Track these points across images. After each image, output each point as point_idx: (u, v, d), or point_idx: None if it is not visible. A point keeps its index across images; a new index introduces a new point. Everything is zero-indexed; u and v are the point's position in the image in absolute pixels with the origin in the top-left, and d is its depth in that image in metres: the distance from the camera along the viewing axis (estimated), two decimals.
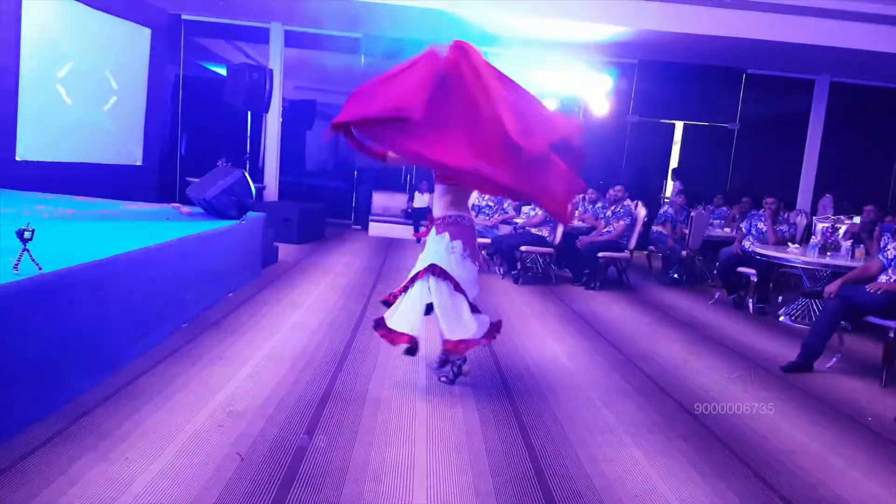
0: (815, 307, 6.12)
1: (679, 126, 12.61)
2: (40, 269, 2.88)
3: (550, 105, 3.60)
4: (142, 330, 3.79)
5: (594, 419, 3.40)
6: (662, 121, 11.63)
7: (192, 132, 11.24)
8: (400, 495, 2.47)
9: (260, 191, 9.65)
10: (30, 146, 7.29)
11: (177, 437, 2.76)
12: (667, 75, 11.05)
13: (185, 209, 5.90)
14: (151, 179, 9.64)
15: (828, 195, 10.27)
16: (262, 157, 10.90)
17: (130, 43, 8.82)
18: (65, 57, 7.70)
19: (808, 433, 3.44)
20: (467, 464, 2.76)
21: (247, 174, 5.81)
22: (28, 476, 2.36)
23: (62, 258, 3.13)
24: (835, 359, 4.74)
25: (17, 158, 7.16)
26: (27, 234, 2.87)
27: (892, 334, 4.37)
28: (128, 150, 9.09)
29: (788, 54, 9.71)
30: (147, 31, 9.07)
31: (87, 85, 8.06)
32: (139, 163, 9.34)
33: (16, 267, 2.82)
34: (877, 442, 3.41)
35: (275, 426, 2.96)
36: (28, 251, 2.88)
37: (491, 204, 7.93)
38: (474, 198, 8.07)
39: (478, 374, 3.93)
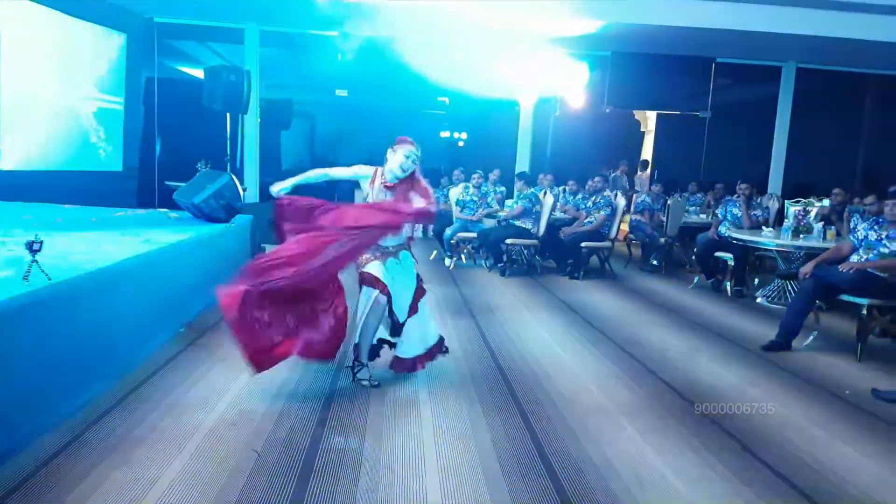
0: (790, 288, 6.35)
1: (652, 116, 12.86)
2: (49, 279, 2.95)
3: None
4: (144, 335, 3.86)
5: (589, 402, 3.56)
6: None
7: (170, 136, 11.16)
8: (414, 483, 2.60)
9: (242, 193, 9.65)
10: (10, 155, 7.26)
11: (192, 437, 2.86)
12: (640, 66, 11.24)
13: (173, 214, 5.94)
14: (131, 185, 9.63)
15: None
16: (241, 158, 10.90)
17: (106, 48, 8.80)
18: (42, 65, 7.67)
19: (790, 408, 3.63)
20: (474, 450, 2.90)
21: (234, 177, 5.87)
22: (51, 482, 2.44)
23: (65, 267, 3.19)
24: (812, 337, 4.96)
25: (0, 168, 7.14)
26: (36, 246, 2.94)
27: (864, 311, 4.59)
28: (107, 156, 9.06)
29: (756, 42, 9.96)
30: (122, 36, 9.04)
31: (64, 92, 8.04)
32: (119, 168, 9.32)
33: (26, 278, 2.89)
34: (855, 413, 3.61)
35: (286, 422, 3.07)
36: (37, 262, 2.94)
37: (475, 199, 8.06)
38: (458, 193, 8.20)
39: (476, 366, 4.08)
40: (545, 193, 7.69)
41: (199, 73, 10.18)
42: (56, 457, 2.61)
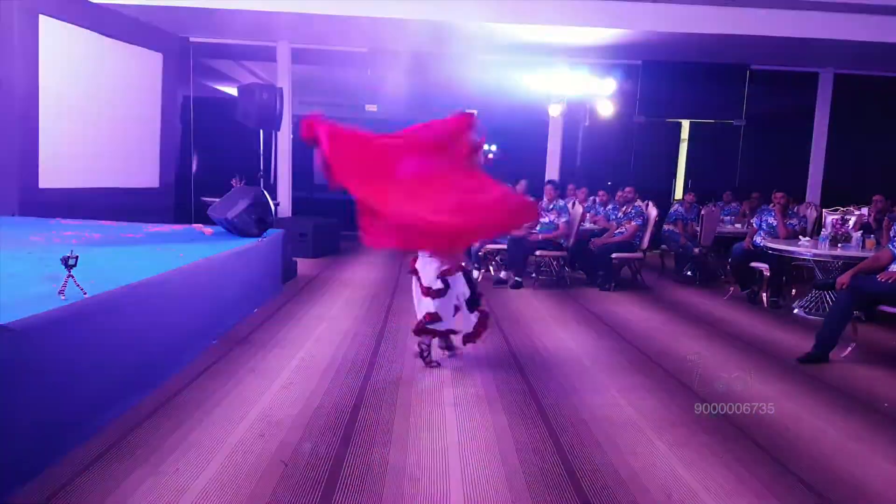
0: (828, 299, 6.19)
1: (685, 124, 12.71)
2: (85, 293, 3.03)
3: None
4: (177, 348, 3.94)
5: (618, 415, 3.52)
6: (668, 120, 11.70)
7: (205, 152, 11.44)
8: (438, 494, 2.59)
9: (274, 207, 9.81)
10: (51, 174, 7.49)
11: (221, 448, 2.90)
12: (671, 75, 11.15)
13: (208, 229, 6.06)
14: (167, 201, 9.85)
15: None
16: (274, 173, 11.09)
17: (143, 68, 9.04)
18: (82, 85, 7.92)
19: (826, 421, 3.54)
20: (498, 461, 2.89)
21: (266, 193, 5.98)
22: (85, 491, 2.49)
23: (101, 282, 3.28)
24: (849, 348, 4.83)
25: (40, 186, 7.37)
26: (71, 261, 3.03)
27: None
28: (144, 173, 9.29)
29: (791, 48, 9.80)
30: (158, 56, 9.29)
31: (104, 112, 8.28)
32: (156, 185, 9.55)
33: (62, 292, 2.97)
34: (893, 426, 3.50)
35: (313, 433, 3.10)
36: (73, 277, 3.03)
37: None
38: None
39: (502, 377, 4.07)
40: (574, 204, 7.65)
41: (233, 91, 10.40)
42: (90, 466, 2.67)
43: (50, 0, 7.30)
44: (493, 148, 15.00)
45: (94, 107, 8.13)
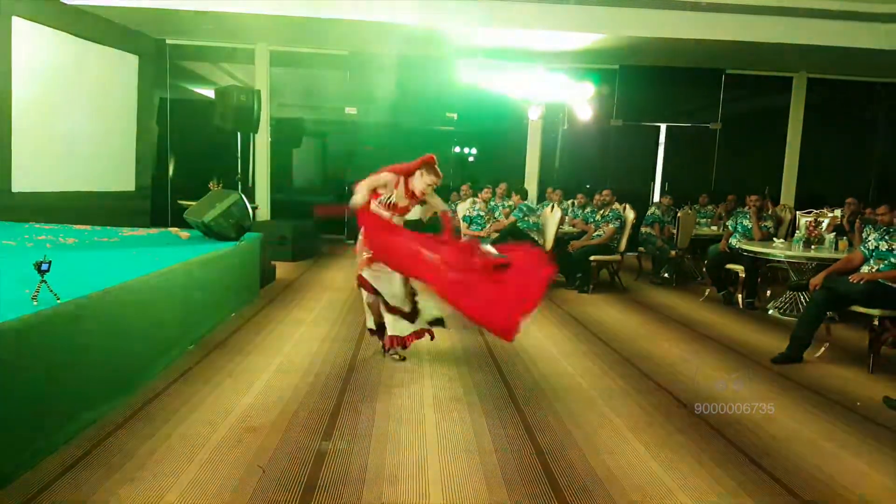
0: (801, 300, 6.29)
1: (662, 128, 12.84)
2: (58, 299, 2.99)
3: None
4: (153, 353, 3.90)
5: (596, 416, 3.54)
6: (645, 123, 11.81)
7: (182, 155, 11.33)
8: (417, 496, 2.60)
9: (253, 211, 9.73)
10: (25, 177, 7.38)
11: (199, 454, 2.87)
12: (648, 79, 11.28)
13: (184, 233, 6.01)
14: (144, 204, 9.75)
15: None
16: (252, 176, 11.02)
17: (119, 71, 8.94)
18: (56, 87, 7.81)
19: (800, 420, 3.60)
20: (477, 463, 2.89)
21: (243, 196, 5.93)
22: (58, 500, 2.45)
23: (76, 287, 3.23)
24: (823, 348, 4.92)
25: (13, 190, 7.25)
26: (45, 266, 2.99)
27: (876, 322, 4.54)
28: (120, 176, 9.19)
29: (765, 53, 9.95)
30: (134, 58, 9.20)
31: (78, 114, 8.17)
32: (131, 188, 9.44)
33: (34, 298, 2.93)
34: (866, 425, 3.57)
35: (291, 438, 3.08)
36: (46, 282, 2.99)
37: (482, 214, 8.07)
38: (466, 207, 8.22)
39: (481, 379, 4.08)
40: (552, 208, 7.69)
41: (211, 94, 10.31)
42: (64, 474, 2.63)
43: (23, 2, 7.20)
44: (474, 151, 15.04)
45: (69, 109, 8.03)
